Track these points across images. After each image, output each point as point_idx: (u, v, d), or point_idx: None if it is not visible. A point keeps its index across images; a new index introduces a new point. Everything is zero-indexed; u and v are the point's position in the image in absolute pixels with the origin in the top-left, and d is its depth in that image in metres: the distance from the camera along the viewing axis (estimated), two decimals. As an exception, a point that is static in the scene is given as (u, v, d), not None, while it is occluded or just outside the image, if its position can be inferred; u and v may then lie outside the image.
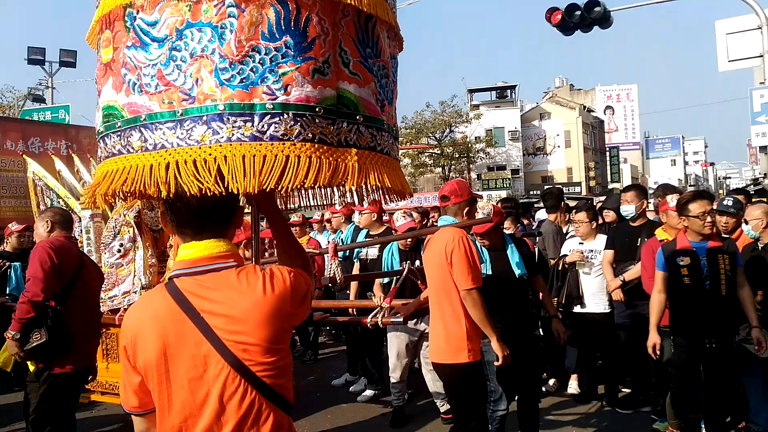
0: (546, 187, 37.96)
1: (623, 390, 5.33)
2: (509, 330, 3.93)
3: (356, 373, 6.24)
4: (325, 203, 2.09)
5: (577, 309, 5.27)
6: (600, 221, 5.75)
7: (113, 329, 4.97)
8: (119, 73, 1.65)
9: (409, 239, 4.99)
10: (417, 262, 4.67)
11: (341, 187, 1.81)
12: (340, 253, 6.21)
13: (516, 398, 4.13)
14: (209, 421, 1.47)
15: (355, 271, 5.79)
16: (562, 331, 4.23)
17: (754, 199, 5.56)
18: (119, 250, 4.96)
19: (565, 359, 5.89)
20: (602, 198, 9.44)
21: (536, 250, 5.75)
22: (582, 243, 5.37)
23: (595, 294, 5.20)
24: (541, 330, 6.03)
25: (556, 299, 5.31)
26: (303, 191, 2.04)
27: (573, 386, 5.60)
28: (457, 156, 40.24)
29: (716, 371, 3.79)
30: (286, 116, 1.54)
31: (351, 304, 5.35)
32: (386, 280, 5.01)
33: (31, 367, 3.68)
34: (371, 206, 5.83)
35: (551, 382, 5.79)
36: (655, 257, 4.54)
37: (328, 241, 7.79)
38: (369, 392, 5.74)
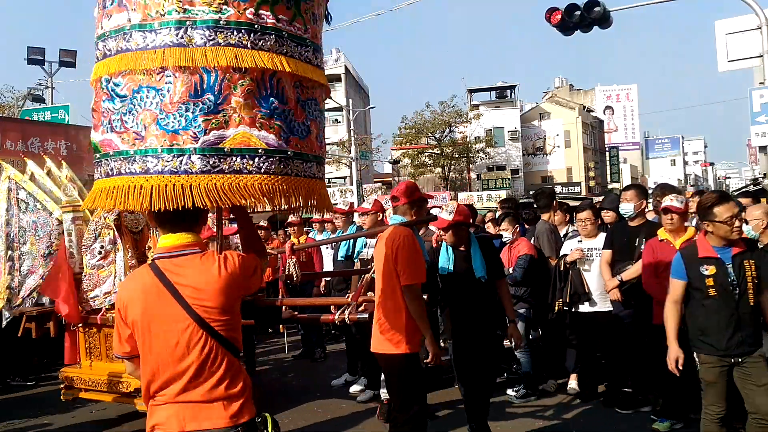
0: (545, 186, 37.85)
1: (623, 390, 5.32)
2: (466, 327, 4.20)
3: (356, 373, 6.24)
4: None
5: (584, 308, 5.25)
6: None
7: (95, 328, 5.09)
8: (99, 118, 2.30)
9: None
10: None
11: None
12: (341, 252, 6.26)
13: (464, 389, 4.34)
14: (177, 361, 2.06)
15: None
16: (517, 337, 4.29)
17: (763, 199, 5.53)
18: (100, 252, 5.08)
19: (564, 359, 5.90)
20: (601, 198, 9.43)
21: (535, 250, 5.79)
22: (581, 241, 5.37)
23: (603, 292, 5.18)
24: (540, 331, 6.04)
25: (560, 300, 5.30)
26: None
27: (573, 386, 5.59)
28: (456, 156, 40.22)
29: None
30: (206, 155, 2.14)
31: (323, 301, 5.47)
32: None
33: None
34: (374, 207, 5.83)
35: (551, 382, 5.79)
36: (655, 258, 4.56)
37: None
38: (369, 392, 5.74)
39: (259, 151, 2.19)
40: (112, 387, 4.86)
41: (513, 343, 4.33)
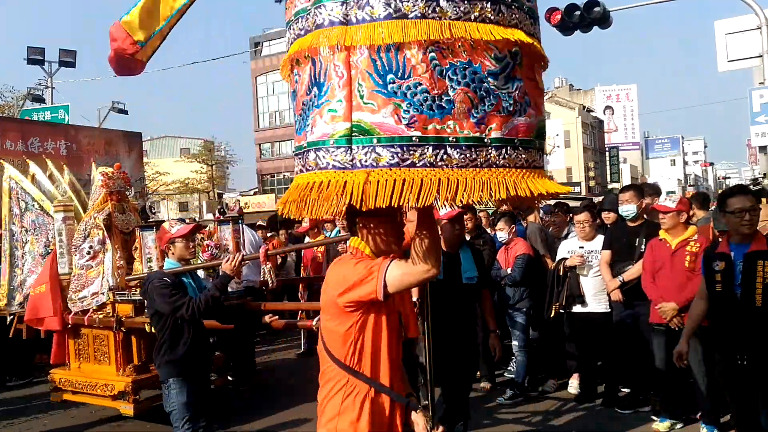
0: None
1: (623, 390, 5.32)
2: (446, 328, 3.96)
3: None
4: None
5: (577, 308, 5.26)
6: (599, 223, 5.75)
7: (84, 329, 5.01)
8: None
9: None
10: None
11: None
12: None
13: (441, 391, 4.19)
14: None
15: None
16: (498, 348, 4.28)
17: (763, 199, 5.51)
18: (89, 252, 4.98)
19: (564, 359, 5.90)
20: (601, 198, 9.46)
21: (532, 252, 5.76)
22: (582, 247, 5.35)
23: (596, 293, 5.20)
24: (539, 331, 6.03)
25: (557, 303, 5.29)
26: None
27: (573, 386, 5.59)
28: (456, 156, 40.20)
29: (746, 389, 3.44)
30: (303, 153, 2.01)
31: (300, 306, 5.58)
32: None
33: None
34: None
35: (551, 382, 5.79)
36: (653, 257, 4.57)
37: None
38: None
39: (374, 140, 1.83)
40: (98, 390, 4.83)
41: (496, 355, 4.31)
